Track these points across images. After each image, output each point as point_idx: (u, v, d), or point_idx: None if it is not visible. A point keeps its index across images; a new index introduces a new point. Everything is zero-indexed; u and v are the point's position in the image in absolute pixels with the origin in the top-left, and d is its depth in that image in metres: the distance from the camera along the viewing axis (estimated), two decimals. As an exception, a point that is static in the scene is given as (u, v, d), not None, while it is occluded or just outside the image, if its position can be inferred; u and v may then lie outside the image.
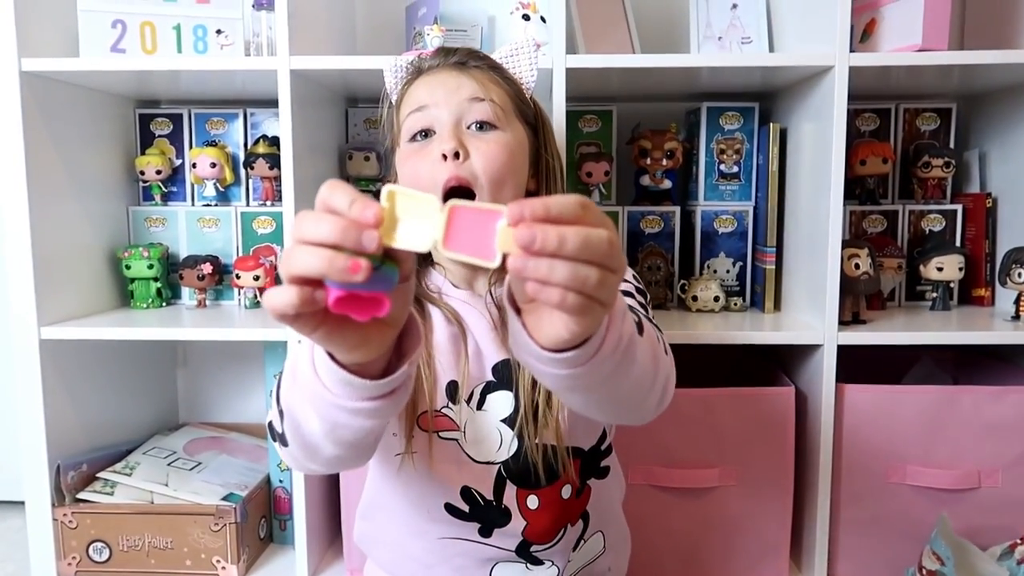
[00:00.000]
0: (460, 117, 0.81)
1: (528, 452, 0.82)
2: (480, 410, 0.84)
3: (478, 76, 0.83)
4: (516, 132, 0.84)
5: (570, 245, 0.44)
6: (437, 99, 0.81)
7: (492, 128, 0.82)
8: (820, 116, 1.19)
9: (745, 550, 1.24)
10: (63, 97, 1.28)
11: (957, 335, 1.20)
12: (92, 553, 1.26)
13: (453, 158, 0.78)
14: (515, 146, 0.83)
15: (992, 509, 1.19)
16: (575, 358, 0.52)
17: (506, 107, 0.84)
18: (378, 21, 1.54)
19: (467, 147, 0.79)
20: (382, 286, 0.46)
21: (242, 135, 1.50)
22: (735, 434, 1.20)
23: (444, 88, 0.82)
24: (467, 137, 0.80)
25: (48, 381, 1.23)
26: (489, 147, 0.80)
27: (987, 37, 1.40)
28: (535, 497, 0.84)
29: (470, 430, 0.84)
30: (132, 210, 1.49)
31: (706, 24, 1.36)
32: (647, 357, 0.62)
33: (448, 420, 0.83)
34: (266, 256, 1.45)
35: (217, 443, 1.48)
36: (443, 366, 0.83)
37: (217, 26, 1.24)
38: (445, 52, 0.87)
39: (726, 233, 1.42)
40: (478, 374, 0.84)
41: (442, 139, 0.80)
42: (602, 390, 0.59)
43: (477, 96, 0.81)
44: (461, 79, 0.83)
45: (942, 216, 1.45)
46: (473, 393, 0.84)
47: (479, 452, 0.84)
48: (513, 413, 0.83)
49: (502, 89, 0.85)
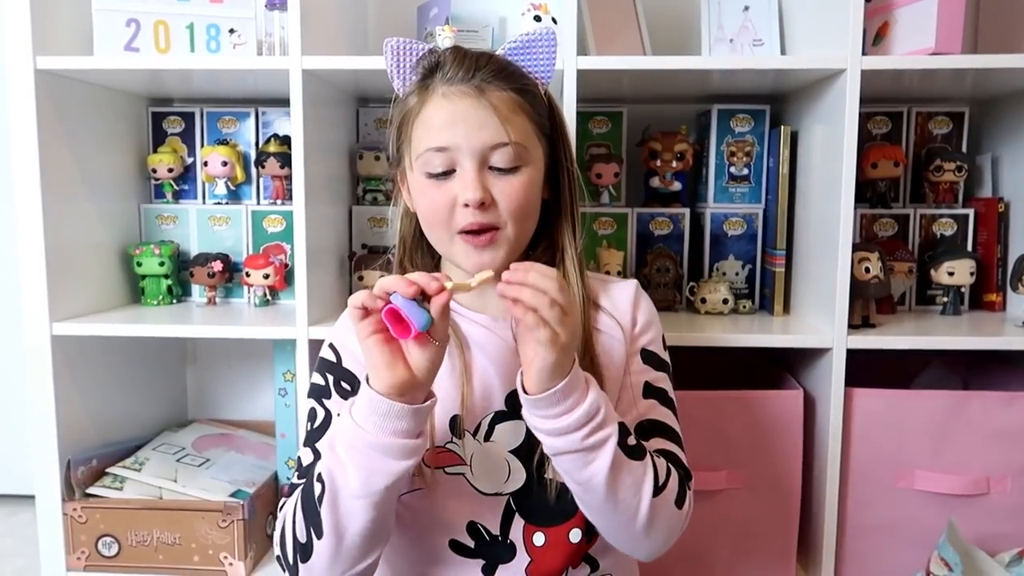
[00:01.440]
0: (484, 160, 0.78)
1: (543, 484, 0.82)
2: (488, 441, 0.83)
3: (499, 105, 0.78)
4: (536, 160, 0.82)
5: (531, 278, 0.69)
6: (458, 140, 0.78)
7: (514, 169, 0.79)
8: (831, 119, 1.19)
9: (752, 553, 1.23)
10: (77, 95, 1.29)
11: (968, 340, 1.19)
12: (101, 548, 1.27)
13: (477, 207, 0.77)
14: (536, 178, 0.82)
15: (1001, 516, 1.18)
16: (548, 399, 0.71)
17: (527, 137, 0.81)
18: (389, 21, 1.55)
19: (491, 192, 0.78)
20: (417, 318, 0.69)
21: (254, 134, 1.51)
22: (743, 437, 1.20)
23: (466, 125, 0.78)
24: (490, 180, 0.79)
25: (59, 377, 1.24)
26: (513, 189, 0.79)
27: (1001, 41, 1.38)
28: (542, 534, 0.83)
29: (477, 463, 0.83)
30: (144, 208, 1.50)
31: (717, 26, 1.35)
32: (631, 477, 0.74)
33: (453, 455, 0.83)
34: (276, 255, 1.46)
35: (226, 440, 1.49)
36: (443, 401, 0.80)
37: (230, 25, 1.25)
38: (459, 59, 0.80)
39: (735, 235, 1.42)
40: (485, 404, 0.83)
41: (465, 186, 0.77)
42: (581, 477, 0.73)
43: (500, 141, 0.78)
44: (482, 113, 0.78)
45: (954, 220, 1.44)
46: (481, 424, 0.83)
47: (487, 484, 0.83)
48: (524, 443, 0.82)
49: (523, 115, 0.80)
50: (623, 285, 0.91)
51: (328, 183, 1.32)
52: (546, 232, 0.87)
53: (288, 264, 1.45)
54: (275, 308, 1.43)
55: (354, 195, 1.47)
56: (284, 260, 1.45)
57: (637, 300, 0.89)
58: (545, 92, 0.86)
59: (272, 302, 1.45)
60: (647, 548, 0.80)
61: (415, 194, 0.83)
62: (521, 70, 0.84)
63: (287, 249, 1.47)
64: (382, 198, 1.46)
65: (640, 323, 0.88)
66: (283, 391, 1.35)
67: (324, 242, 1.29)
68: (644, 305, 0.89)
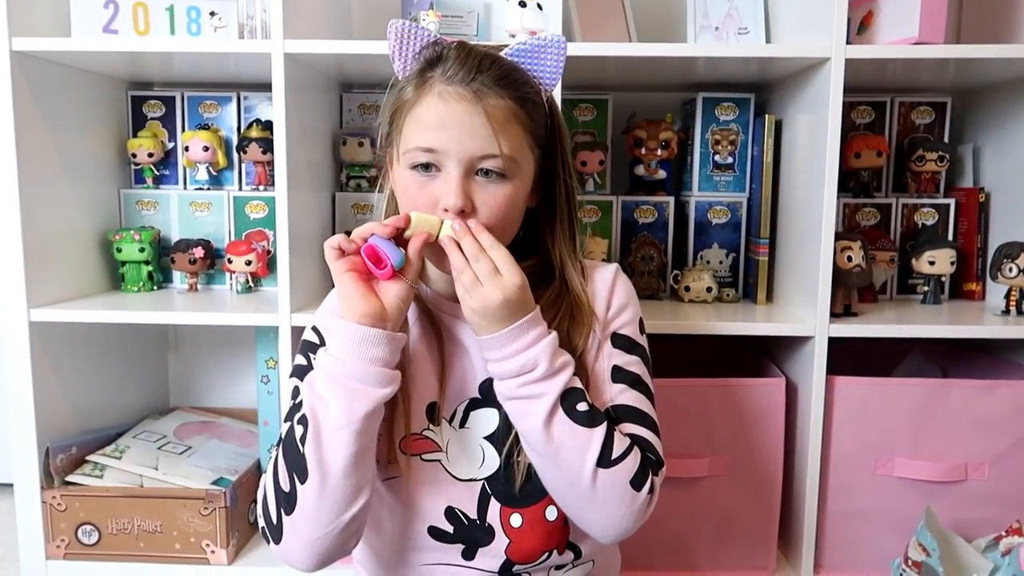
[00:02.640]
0: (471, 167, 0.77)
1: (511, 468, 0.82)
2: (463, 428, 0.84)
3: (494, 114, 0.77)
4: (524, 173, 0.80)
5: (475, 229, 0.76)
6: (448, 144, 0.76)
7: (500, 178, 0.78)
8: (815, 108, 1.19)
9: (733, 539, 1.24)
10: (54, 78, 1.27)
11: (948, 329, 1.21)
12: (81, 536, 1.26)
13: (457, 214, 0.76)
14: (521, 191, 0.81)
15: (978, 502, 1.20)
16: (490, 342, 0.76)
17: (519, 148, 0.79)
18: (373, 6, 1.53)
19: (473, 200, 0.77)
20: (394, 255, 0.74)
21: (235, 119, 1.49)
22: (725, 424, 1.21)
23: (458, 130, 0.76)
24: (474, 187, 0.77)
25: (38, 364, 1.23)
26: (496, 200, 0.78)
27: (983, 31, 1.40)
28: (518, 515, 0.83)
29: (452, 449, 0.84)
30: (124, 193, 1.48)
31: (703, 14, 1.35)
32: (573, 440, 0.76)
33: (430, 442, 0.83)
34: (258, 241, 1.44)
35: (207, 428, 1.48)
36: (421, 389, 0.82)
37: (211, 8, 1.23)
38: (462, 58, 0.78)
39: (720, 224, 1.43)
40: (461, 392, 0.84)
41: (447, 192, 0.76)
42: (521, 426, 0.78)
43: (490, 152, 0.76)
44: (476, 120, 0.76)
45: (935, 210, 1.45)
46: (456, 412, 0.84)
47: (461, 470, 0.84)
48: (497, 430, 0.83)
49: (518, 125, 0.79)
50: (603, 270, 0.89)
51: (311, 169, 1.31)
52: (538, 241, 0.87)
53: (271, 251, 1.44)
54: (257, 295, 1.42)
55: (337, 181, 1.46)
56: (266, 247, 1.44)
57: (614, 284, 0.88)
58: (548, 99, 0.84)
59: (254, 289, 1.44)
60: (598, 524, 0.79)
61: (398, 186, 0.82)
62: (525, 76, 0.82)
63: (269, 235, 1.46)
64: (366, 184, 1.45)
65: (614, 307, 0.87)
66: (265, 378, 1.34)
67: (307, 228, 1.28)
68: (620, 288, 0.88)
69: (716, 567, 1.25)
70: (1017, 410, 1.18)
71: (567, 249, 0.86)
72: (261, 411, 1.36)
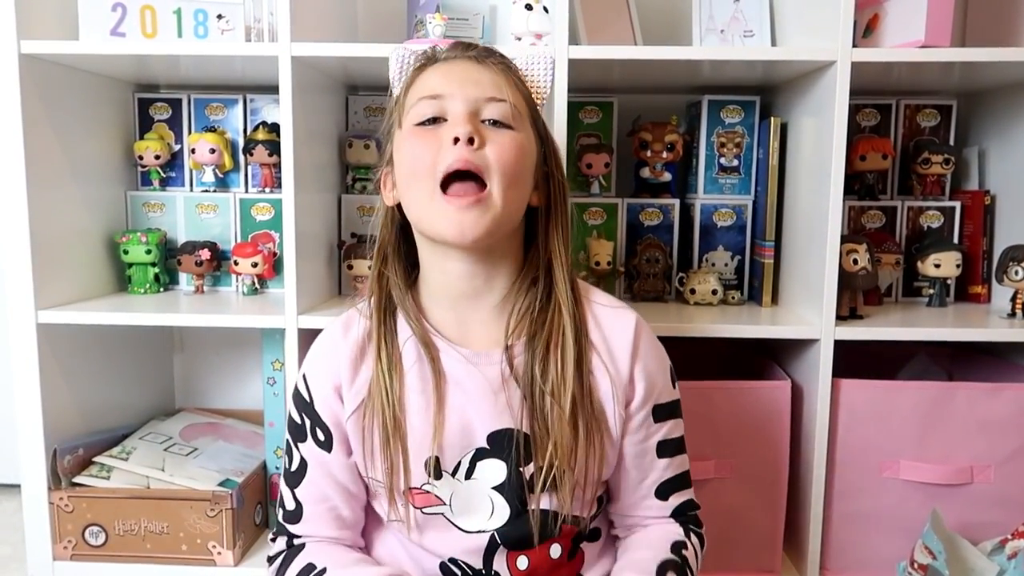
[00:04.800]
0: (476, 110, 0.76)
1: (525, 517, 0.79)
2: (469, 479, 0.80)
3: (497, 74, 0.79)
4: (529, 137, 0.79)
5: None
6: (453, 89, 0.76)
7: (508, 128, 0.77)
8: (821, 111, 1.19)
9: (739, 542, 1.24)
10: (62, 80, 1.27)
11: (953, 331, 1.20)
12: (88, 537, 1.26)
13: (467, 143, 0.73)
14: (528, 149, 0.78)
15: (984, 505, 1.19)
16: None
17: (522, 111, 0.79)
18: (379, 8, 1.54)
19: (483, 136, 0.75)
20: None
21: (241, 121, 1.50)
22: (731, 427, 1.21)
23: (461, 79, 0.77)
24: (482, 129, 0.76)
25: (45, 365, 1.23)
26: (505, 141, 0.76)
27: (989, 34, 1.39)
28: (525, 558, 0.81)
29: (457, 502, 0.80)
30: (130, 195, 1.48)
31: (708, 17, 1.35)
32: None
33: (431, 496, 0.81)
34: (264, 243, 1.45)
35: (213, 429, 1.48)
36: (418, 442, 0.79)
37: (218, 11, 1.23)
38: (464, 46, 0.82)
39: (725, 227, 1.43)
40: (466, 441, 0.80)
41: (455, 124, 0.75)
42: None
43: (496, 95, 0.76)
44: (481, 73, 0.78)
45: (940, 213, 1.45)
46: (461, 463, 0.80)
47: (469, 523, 0.81)
48: (506, 481, 0.79)
49: (519, 92, 0.80)
50: (620, 322, 0.83)
51: (317, 171, 1.32)
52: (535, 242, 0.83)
53: (276, 253, 1.45)
54: (263, 297, 1.42)
55: (343, 183, 1.47)
56: (272, 248, 1.45)
57: (636, 350, 0.81)
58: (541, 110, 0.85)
59: (260, 291, 1.45)
60: None
61: (402, 151, 0.78)
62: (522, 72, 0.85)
63: (275, 237, 1.46)
64: (371, 187, 1.45)
65: (641, 384, 0.81)
66: (271, 380, 1.35)
67: (313, 230, 1.29)
68: (644, 356, 0.82)
69: (721, 569, 1.25)
70: (1023, 413, 1.18)
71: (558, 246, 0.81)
72: (267, 412, 1.36)
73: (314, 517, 0.84)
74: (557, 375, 0.78)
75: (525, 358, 0.79)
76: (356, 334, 0.83)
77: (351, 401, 0.81)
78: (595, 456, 0.79)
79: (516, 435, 0.78)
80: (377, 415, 0.79)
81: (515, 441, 0.78)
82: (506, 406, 0.79)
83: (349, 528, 0.85)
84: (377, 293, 0.84)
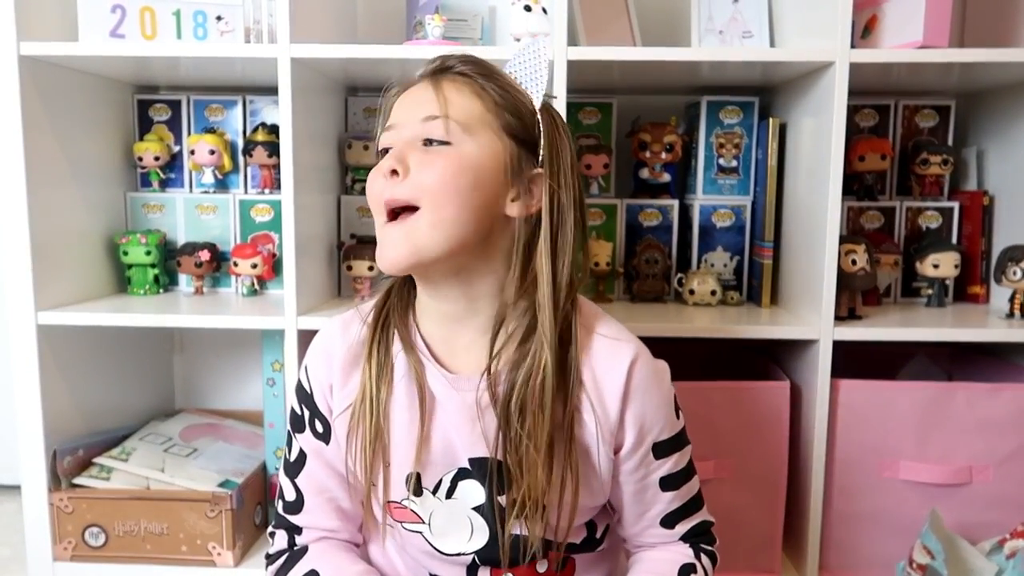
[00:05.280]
0: (416, 136, 0.74)
1: (503, 541, 0.78)
2: (450, 499, 0.79)
3: (447, 88, 0.74)
4: (482, 147, 0.73)
5: None
6: (401, 119, 0.76)
7: (441, 144, 0.73)
8: (820, 112, 1.19)
9: (738, 543, 1.24)
10: (62, 82, 1.27)
11: (952, 332, 1.21)
12: (88, 538, 1.26)
13: (391, 176, 0.72)
14: (469, 161, 0.72)
15: (983, 505, 1.19)
16: None
17: (475, 120, 0.73)
18: (379, 9, 1.54)
19: (407, 164, 0.72)
20: None
21: (241, 122, 1.50)
22: (730, 427, 1.21)
23: (408, 107, 0.76)
24: (413, 155, 0.73)
25: (45, 366, 1.24)
26: (430, 160, 0.72)
27: (987, 35, 1.39)
28: (510, 574, 0.81)
29: (437, 521, 0.80)
30: (130, 196, 1.48)
31: (707, 18, 1.35)
32: None
33: (410, 512, 0.80)
34: (264, 244, 1.45)
35: (213, 430, 1.48)
36: (401, 457, 0.78)
37: (217, 12, 1.23)
38: (437, 60, 0.78)
39: (724, 227, 1.43)
40: (448, 461, 0.78)
41: (388, 156, 0.74)
42: None
43: (432, 114, 0.73)
44: (426, 95, 0.74)
45: (939, 213, 1.45)
46: (442, 481, 0.79)
47: (448, 544, 0.80)
48: (487, 503, 0.78)
49: (476, 100, 0.74)
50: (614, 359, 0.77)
51: (317, 172, 1.32)
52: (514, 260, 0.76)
53: (276, 254, 1.45)
54: (263, 298, 1.42)
55: (342, 184, 1.47)
56: (272, 250, 1.45)
57: (627, 393, 0.76)
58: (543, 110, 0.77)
59: (260, 292, 1.45)
60: None
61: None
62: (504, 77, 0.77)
63: (275, 238, 1.46)
64: (371, 188, 1.45)
65: (633, 431, 0.77)
66: (271, 381, 1.35)
67: (313, 231, 1.29)
68: (637, 399, 0.76)
69: (721, 569, 1.23)
70: (1022, 413, 1.18)
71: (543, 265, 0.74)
72: (267, 413, 1.36)
73: (315, 508, 0.84)
74: (535, 411, 0.73)
75: (505, 387, 0.75)
76: (352, 337, 0.82)
77: (340, 402, 0.81)
78: (570, 494, 0.76)
79: (491, 464, 0.76)
80: (361, 422, 0.78)
81: (490, 470, 0.76)
82: (481, 435, 0.76)
83: (349, 520, 0.85)
84: (382, 301, 0.83)
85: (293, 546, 0.85)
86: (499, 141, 0.74)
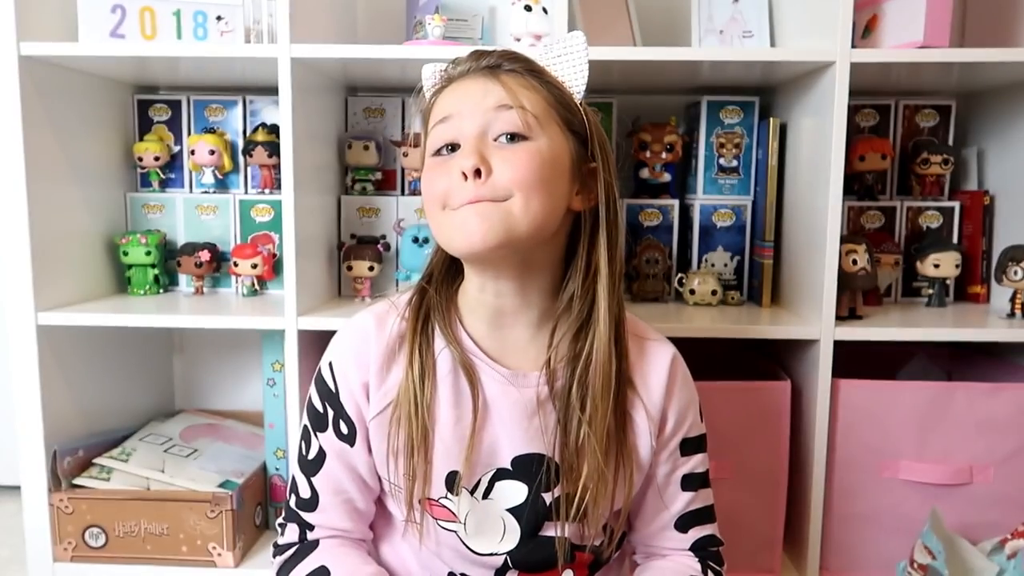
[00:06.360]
0: (486, 128, 0.73)
1: (535, 543, 0.79)
2: (486, 499, 0.79)
3: (509, 81, 0.74)
4: (553, 140, 0.74)
5: None
6: (462, 109, 0.74)
7: (522, 139, 0.73)
8: (820, 112, 1.19)
9: (739, 542, 1.24)
10: (61, 82, 1.27)
11: (952, 332, 1.21)
12: (88, 538, 1.26)
13: (475, 176, 0.71)
14: (548, 155, 0.73)
15: (984, 505, 1.19)
16: None
17: (542, 114, 0.74)
18: (379, 9, 1.54)
19: (490, 162, 0.72)
20: None
21: (241, 122, 1.50)
22: (731, 427, 1.21)
23: (470, 96, 0.74)
24: (492, 150, 0.72)
25: (45, 367, 1.23)
26: (518, 156, 0.72)
27: (988, 35, 1.40)
28: None
29: (472, 521, 0.79)
30: (130, 196, 1.48)
31: (707, 18, 1.35)
32: None
33: (447, 511, 0.80)
34: (264, 244, 1.45)
35: (213, 430, 1.48)
36: (443, 455, 0.77)
37: (217, 12, 1.23)
38: (477, 55, 0.77)
39: (724, 227, 1.43)
40: (488, 461, 0.78)
41: (463, 154, 0.72)
42: None
43: (504, 104, 0.72)
44: (489, 85, 0.74)
45: (940, 213, 1.45)
46: (480, 481, 0.79)
47: (481, 544, 0.80)
48: (522, 505, 0.79)
49: (538, 95, 0.75)
50: (657, 355, 0.82)
51: (317, 172, 1.32)
52: (580, 253, 0.78)
53: (276, 254, 1.45)
54: (263, 298, 1.42)
55: (343, 184, 1.47)
56: (272, 250, 1.45)
57: (671, 388, 0.81)
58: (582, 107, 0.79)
59: (260, 292, 1.45)
60: None
61: (423, 180, 0.77)
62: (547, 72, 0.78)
63: (275, 239, 1.46)
64: (371, 188, 1.45)
65: (672, 419, 0.81)
66: (271, 381, 1.35)
67: (313, 232, 1.29)
68: (678, 392, 0.82)
69: (721, 570, 1.25)
70: (1022, 413, 1.18)
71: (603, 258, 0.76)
72: (267, 413, 1.36)
73: (330, 508, 0.82)
74: (595, 402, 0.75)
75: (564, 381, 0.77)
76: (390, 332, 0.80)
77: (378, 402, 0.79)
78: (624, 487, 0.78)
79: (545, 460, 0.77)
80: (404, 422, 0.77)
81: (544, 466, 0.77)
82: (539, 431, 0.77)
83: (362, 520, 0.85)
84: (416, 300, 0.82)
85: (304, 540, 0.84)
86: (562, 135, 0.76)
